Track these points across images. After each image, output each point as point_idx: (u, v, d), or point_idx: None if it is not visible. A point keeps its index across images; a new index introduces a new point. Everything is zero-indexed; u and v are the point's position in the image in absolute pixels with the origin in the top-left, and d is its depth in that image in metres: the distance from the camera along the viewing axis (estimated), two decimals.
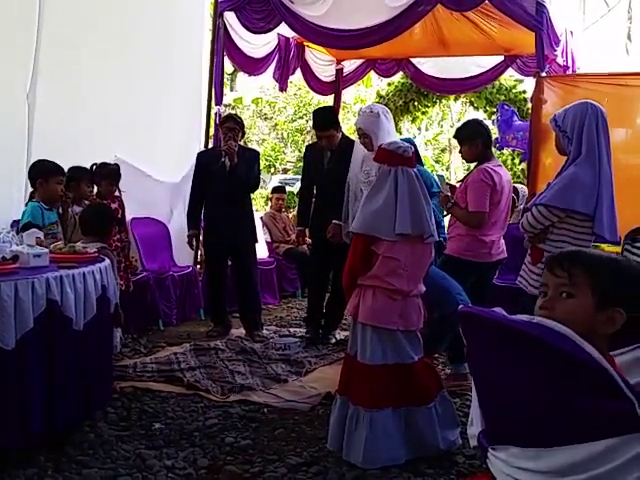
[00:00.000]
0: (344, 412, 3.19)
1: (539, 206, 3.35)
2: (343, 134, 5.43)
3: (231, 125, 5.41)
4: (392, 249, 3.11)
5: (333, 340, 5.41)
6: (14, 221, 4.86)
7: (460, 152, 4.50)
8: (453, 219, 4.34)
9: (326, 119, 5.27)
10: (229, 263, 5.72)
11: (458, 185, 4.44)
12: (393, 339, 3.14)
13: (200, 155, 5.86)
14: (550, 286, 1.56)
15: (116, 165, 5.12)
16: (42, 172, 4.14)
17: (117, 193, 5.14)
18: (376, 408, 3.08)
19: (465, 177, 4.46)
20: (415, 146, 4.90)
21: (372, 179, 4.39)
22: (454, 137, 4.56)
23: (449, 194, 4.34)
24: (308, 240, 6.03)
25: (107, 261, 3.65)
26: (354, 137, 5.16)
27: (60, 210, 4.34)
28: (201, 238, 5.92)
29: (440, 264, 4.25)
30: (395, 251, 3.11)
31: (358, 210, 3.30)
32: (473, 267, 4.24)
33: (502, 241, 4.34)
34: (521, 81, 9.09)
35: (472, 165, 4.51)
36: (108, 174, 5.00)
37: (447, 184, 4.52)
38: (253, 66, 7.43)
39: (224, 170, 5.35)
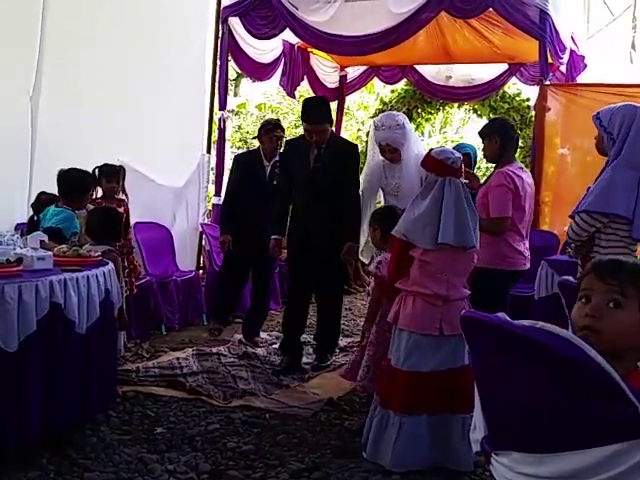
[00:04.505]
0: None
1: (581, 213, 3.27)
2: (332, 130, 4.88)
3: (279, 134, 5.33)
4: (427, 254, 3.14)
5: (329, 362, 4.90)
6: (18, 224, 4.87)
7: (483, 150, 4.34)
8: None
9: (321, 111, 4.61)
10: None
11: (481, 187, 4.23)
12: (431, 345, 3.15)
13: (240, 157, 5.74)
14: (597, 292, 1.48)
15: (119, 166, 5.13)
16: (81, 187, 4.23)
17: (122, 196, 5.14)
18: (407, 414, 3.09)
19: (485, 181, 4.29)
20: (475, 153, 4.77)
21: (405, 192, 4.31)
22: (478, 133, 4.39)
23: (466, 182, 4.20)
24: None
25: (110, 265, 3.66)
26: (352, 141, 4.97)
27: None
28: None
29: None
30: (430, 257, 3.14)
31: (402, 216, 3.30)
32: (509, 277, 4.08)
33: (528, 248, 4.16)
34: (520, 91, 9.11)
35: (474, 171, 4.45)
36: (108, 172, 4.99)
37: (468, 171, 4.37)
38: (260, 72, 7.45)
39: (264, 177, 5.29)
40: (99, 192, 5.00)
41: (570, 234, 3.34)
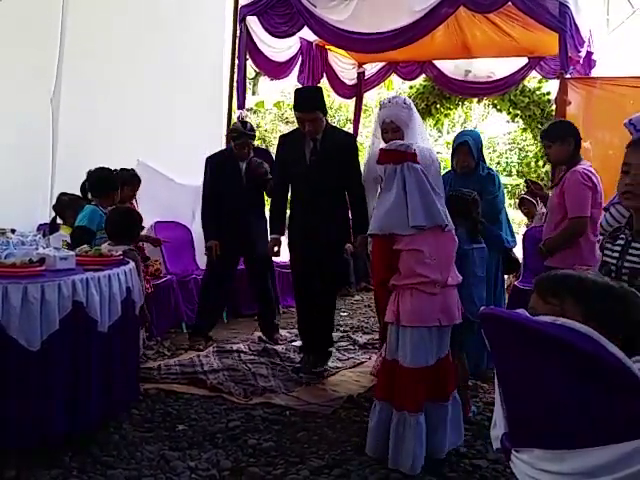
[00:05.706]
0: (385, 417, 3.16)
1: (617, 205, 3.26)
2: (327, 122, 4.60)
3: (246, 140, 5.11)
4: (413, 242, 3.11)
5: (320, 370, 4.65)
6: (40, 224, 4.93)
7: (546, 154, 4.18)
8: (549, 230, 4.00)
9: (312, 99, 4.44)
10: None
11: (551, 192, 4.10)
12: (432, 337, 3.14)
13: (212, 158, 5.36)
14: (540, 312, 1.50)
15: (133, 170, 5.17)
16: (111, 184, 4.38)
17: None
18: (420, 411, 3.08)
19: (557, 181, 4.11)
20: (478, 140, 4.67)
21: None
22: (541, 137, 4.22)
23: (537, 200, 4.00)
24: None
25: (132, 264, 3.69)
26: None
27: None
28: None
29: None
30: (416, 243, 3.11)
31: (372, 215, 3.30)
32: None
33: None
34: (545, 80, 8.95)
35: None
36: (130, 179, 5.03)
37: (532, 182, 4.10)
38: (276, 70, 7.45)
39: (240, 175, 5.13)
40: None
41: (605, 226, 3.32)
